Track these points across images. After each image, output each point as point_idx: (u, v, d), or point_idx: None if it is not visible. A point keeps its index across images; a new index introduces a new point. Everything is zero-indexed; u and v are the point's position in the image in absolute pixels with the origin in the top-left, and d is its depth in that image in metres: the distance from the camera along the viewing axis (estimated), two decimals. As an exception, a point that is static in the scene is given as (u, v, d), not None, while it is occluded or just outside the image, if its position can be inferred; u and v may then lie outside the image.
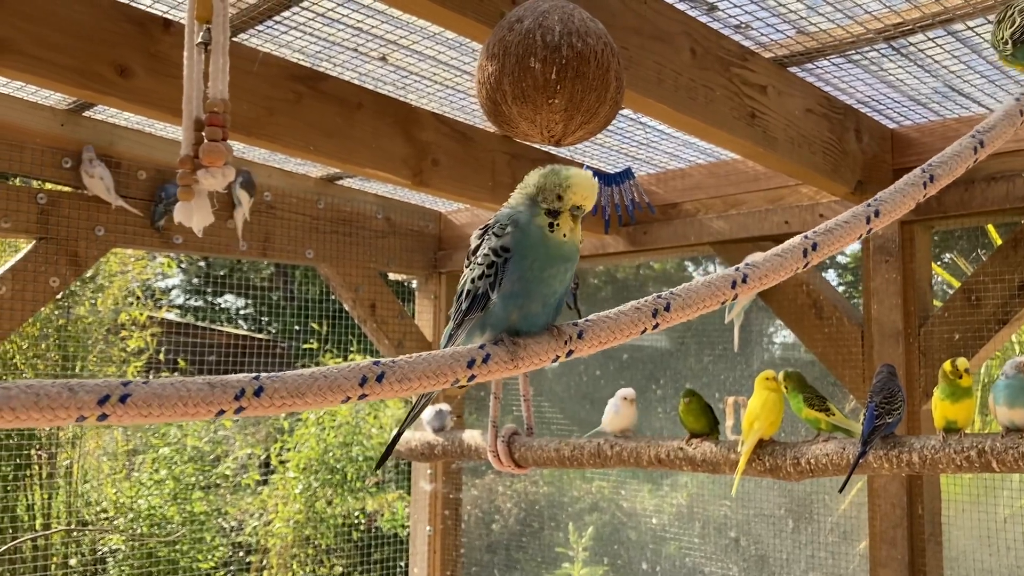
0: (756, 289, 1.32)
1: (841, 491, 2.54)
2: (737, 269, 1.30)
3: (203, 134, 2.05)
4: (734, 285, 1.27)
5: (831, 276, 10.37)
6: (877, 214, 1.40)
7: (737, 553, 4.17)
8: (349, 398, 1.02)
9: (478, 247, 1.26)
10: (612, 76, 1.65)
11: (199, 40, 2.09)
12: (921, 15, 2.41)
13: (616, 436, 3.06)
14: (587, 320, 1.22)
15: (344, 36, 2.84)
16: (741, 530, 4.19)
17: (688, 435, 2.94)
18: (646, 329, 1.25)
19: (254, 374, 0.97)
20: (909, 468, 2.43)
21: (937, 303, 3.29)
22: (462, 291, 1.27)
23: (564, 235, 1.19)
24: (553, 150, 3.70)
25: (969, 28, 2.46)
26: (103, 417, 0.88)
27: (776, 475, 2.74)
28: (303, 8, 2.67)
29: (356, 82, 3.13)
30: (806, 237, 1.35)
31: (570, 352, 1.20)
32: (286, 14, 2.71)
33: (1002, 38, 1.92)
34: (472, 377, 1.14)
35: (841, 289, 9.75)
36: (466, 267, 1.29)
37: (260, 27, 2.79)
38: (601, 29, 1.67)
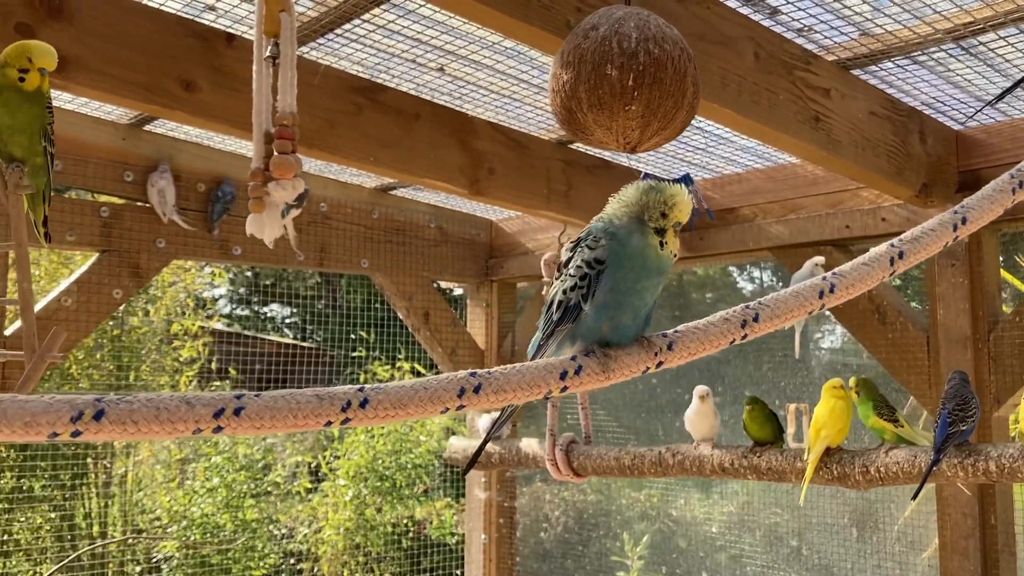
0: (844, 299, 1.29)
1: (914, 499, 2.49)
2: (824, 279, 1.27)
3: (273, 147, 2.07)
4: (822, 295, 1.25)
5: (881, 280, 10.19)
6: (964, 221, 1.36)
7: (799, 563, 4.11)
8: (448, 408, 1.03)
9: (570, 259, 1.26)
10: (689, 82, 1.64)
11: (267, 54, 2.12)
12: (993, 13, 2.36)
13: (699, 444, 2.97)
14: (676, 331, 1.21)
15: (402, 48, 2.85)
16: (802, 539, 4.13)
17: (752, 443, 2.90)
18: (735, 340, 1.23)
19: (359, 386, 0.97)
20: (986, 477, 2.37)
21: (1005, 308, 3.22)
22: (552, 302, 1.27)
23: (671, 251, 1.20)
24: (609, 156, 3.68)
25: (1042, 26, 2.40)
26: (218, 429, 0.89)
27: (844, 483, 2.70)
28: (363, 21, 2.70)
29: (413, 93, 3.15)
30: (892, 245, 1.32)
31: (660, 363, 1.19)
32: (347, 27, 2.73)
33: None
34: (564, 388, 1.13)
35: (893, 293, 9.56)
36: (556, 279, 1.29)
37: (321, 40, 2.81)
38: (677, 35, 1.66)
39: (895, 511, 3.76)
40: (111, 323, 6.57)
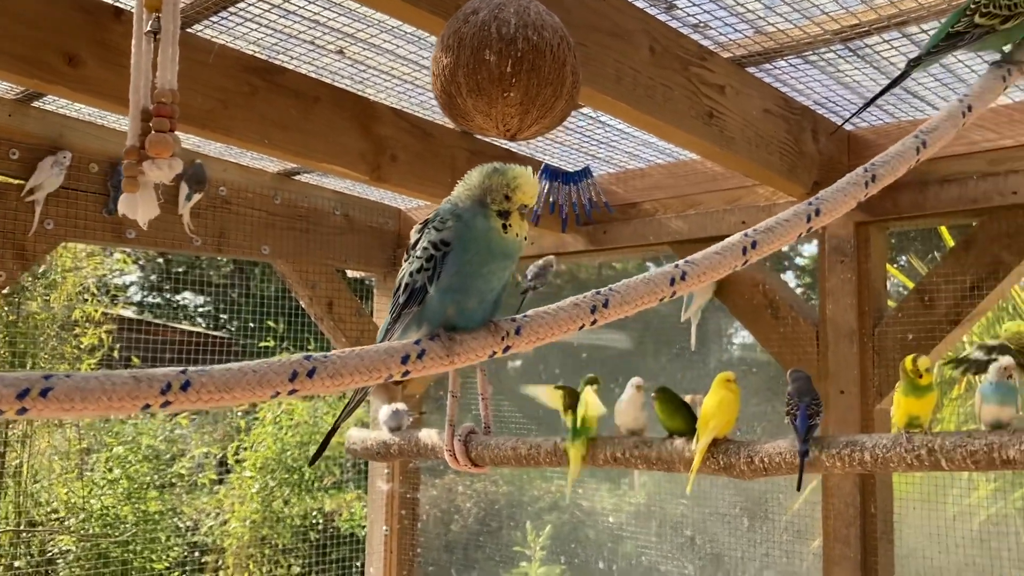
0: (695, 286, 1.30)
1: (799, 489, 2.56)
2: (676, 266, 1.28)
3: (151, 125, 2.01)
4: (673, 282, 1.26)
5: (789, 277, 10.48)
6: (818, 212, 1.39)
7: (693, 552, 4.19)
8: (279, 392, 1.00)
9: (417, 241, 1.25)
10: (568, 71, 1.64)
11: (148, 29, 2.05)
12: (876, 17, 2.42)
13: (627, 434, 3.00)
14: (525, 316, 1.20)
15: (300, 28, 2.79)
16: (697, 529, 4.21)
17: (667, 434, 2.91)
18: (584, 325, 1.23)
19: (182, 368, 0.94)
20: (862, 467, 2.45)
21: (892, 303, 3.32)
22: (400, 285, 1.26)
23: (517, 234, 1.18)
24: (514, 147, 3.68)
25: (923, 31, 2.48)
26: (23, 411, 0.84)
27: (730, 473, 2.75)
28: (258, -1, 2.63)
29: (313, 75, 3.09)
30: (746, 235, 1.33)
31: (507, 348, 1.18)
32: (241, 5, 2.66)
33: None
34: (406, 373, 1.12)
35: (800, 291, 9.86)
36: (405, 261, 1.28)
37: (214, 18, 2.73)
38: (557, 23, 1.65)
39: (784, 501, 3.86)
40: (6, 309, 6.30)
